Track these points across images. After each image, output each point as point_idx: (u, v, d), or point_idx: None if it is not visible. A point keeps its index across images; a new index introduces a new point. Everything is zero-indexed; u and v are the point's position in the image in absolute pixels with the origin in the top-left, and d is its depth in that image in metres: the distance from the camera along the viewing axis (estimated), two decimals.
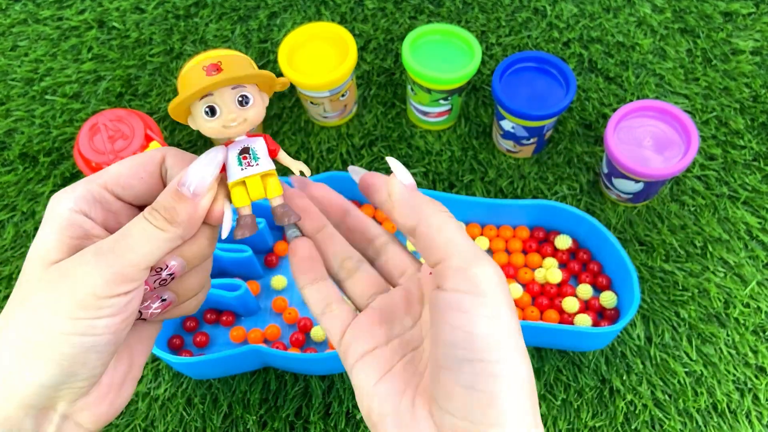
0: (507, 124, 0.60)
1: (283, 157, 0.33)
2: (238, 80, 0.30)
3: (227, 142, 0.31)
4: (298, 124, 0.66)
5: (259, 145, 0.31)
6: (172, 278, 0.31)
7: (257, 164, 0.31)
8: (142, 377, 0.55)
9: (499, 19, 0.72)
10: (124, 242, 0.29)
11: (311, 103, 0.62)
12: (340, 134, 0.66)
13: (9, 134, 0.66)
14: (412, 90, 0.61)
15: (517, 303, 0.56)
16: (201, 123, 0.30)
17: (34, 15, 0.73)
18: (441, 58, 0.59)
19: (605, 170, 0.59)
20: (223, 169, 0.31)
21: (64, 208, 0.30)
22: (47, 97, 0.68)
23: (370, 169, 0.63)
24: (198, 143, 0.65)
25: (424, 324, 0.33)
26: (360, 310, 0.35)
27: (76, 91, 0.68)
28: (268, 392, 0.54)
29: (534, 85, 0.59)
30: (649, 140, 0.57)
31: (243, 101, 0.30)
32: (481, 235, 0.60)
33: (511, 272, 0.58)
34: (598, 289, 0.57)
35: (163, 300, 0.32)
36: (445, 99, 0.61)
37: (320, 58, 0.60)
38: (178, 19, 0.73)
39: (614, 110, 0.65)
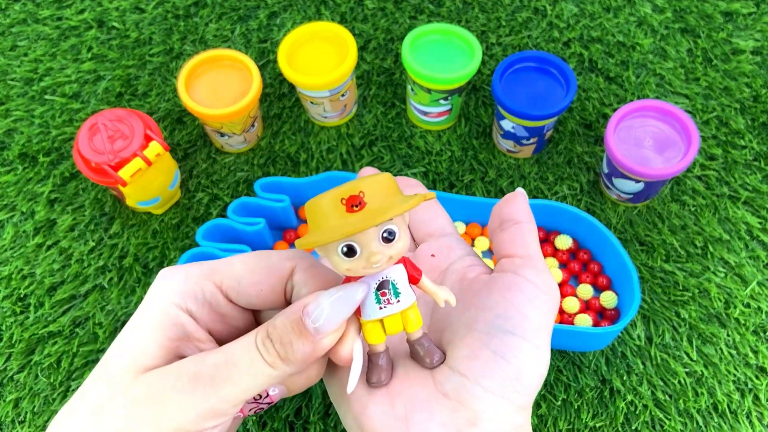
0: (507, 124, 0.60)
1: (427, 285, 0.28)
2: (387, 219, 0.24)
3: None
4: (298, 124, 0.66)
5: (400, 275, 0.27)
6: (270, 405, 0.29)
7: (398, 300, 0.27)
8: None
9: (499, 19, 0.71)
10: (226, 372, 0.25)
11: (311, 103, 0.62)
12: (340, 134, 0.65)
13: (8, 134, 0.66)
14: (412, 90, 0.61)
15: None
16: (336, 261, 0.26)
17: (33, 15, 0.73)
18: (441, 58, 0.59)
19: (605, 170, 0.59)
20: None
21: (168, 303, 0.27)
22: (47, 96, 0.68)
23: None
24: (197, 143, 0.65)
25: None
26: None
27: (76, 91, 0.68)
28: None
29: (534, 85, 0.59)
30: (649, 140, 0.57)
31: (389, 237, 0.25)
32: (482, 235, 0.59)
33: None
34: (598, 289, 0.57)
35: (259, 399, 0.29)
36: (445, 99, 0.61)
37: (320, 58, 0.60)
38: (177, 18, 0.72)
39: (614, 110, 0.65)
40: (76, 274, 0.59)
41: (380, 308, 0.26)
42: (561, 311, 0.56)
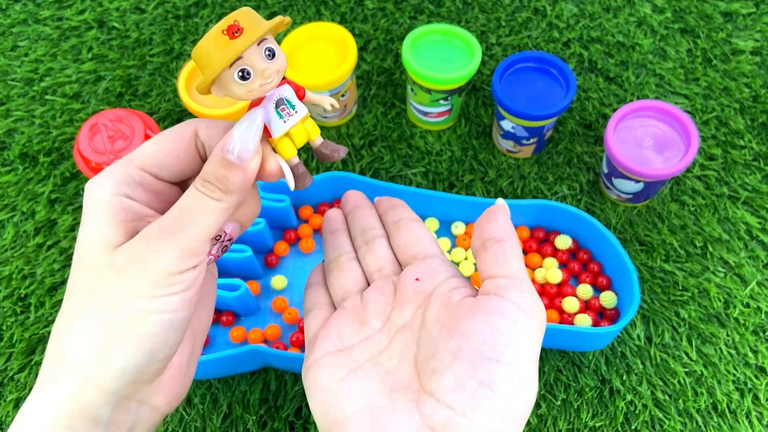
0: (507, 124, 0.60)
1: (311, 96, 0.33)
2: (263, 34, 0.28)
3: (256, 101, 0.30)
4: None
5: (289, 92, 0.31)
6: (231, 242, 0.32)
7: (296, 112, 0.31)
8: None
9: (499, 19, 0.72)
10: (184, 218, 0.28)
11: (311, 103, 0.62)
12: (340, 134, 0.66)
13: (9, 134, 0.66)
14: (412, 90, 0.61)
15: None
16: (234, 89, 0.29)
17: (34, 15, 0.73)
18: (441, 58, 0.59)
19: (605, 170, 0.59)
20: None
21: (106, 194, 0.29)
22: (47, 97, 0.68)
23: (369, 169, 0.63)
24: None
25: (393, 325, 0.34)
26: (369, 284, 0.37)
27: (76, 91, 0.68)
28: (268, 392, 0.54)
29: (534, 85, 0.59)
30: (649, 140, 0.57)
31: (270, 54, 0.29)
32: None
33: None
34: (598, 289, 0.57)
35: (219, 239, 0.32)
36: (445, 99, 0.61)
37: (320, 58, 0.60)
38: (178, 19, 0.73)
39: (614, 110, 0.65)
40: None
41: (284, 122, 0.30)
42: (561, 311, 0.56)
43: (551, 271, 0.57)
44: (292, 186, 0.31)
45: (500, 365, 0.29)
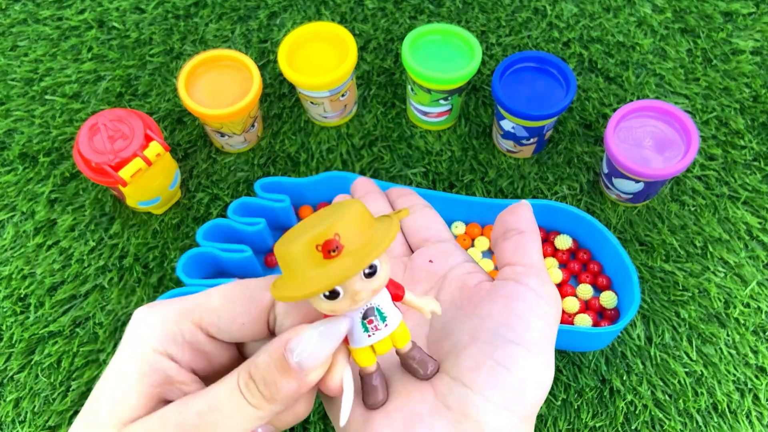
0: (507, 124, 0.60)
1: (411, 300, 0.28)
2: (370, 262, 0.23)
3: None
4: (298, 124, 0.66)
5: (384, 299, 0.26)
6: None
7: (386, 325, 0.26)
8: None
9: (499, 19, 0.72)
10: (211, 418, 0.24)
11: (311, 103, 0.62)
12: (340, 134, 0.65)
13: (9, 134, 0.66)
14: (412, 90, 0.61)
15: None
16: (317, 304, 0.25)
17: (33, 15, 0.73)
18: (441, 58, 0.59)
19: (605, 170, 0.59)
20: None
21: (147, 349, 0.26)
22: (47, 97, 0.68)
23: (369, 169, 0.63)
24: (198, 143, 0.65)
25: None
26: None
27: (76, 91, 0.68)
28: None
29: (534, 85, 0.59)
30: (649, 140, 0.57)
31: (371, 272, 0.24)
32: (482, 235, 0.59)
33: None
34: (598, 289, 0.57)
35: None
36: (445, 99, 0.61)
37: (320, 58, 0.60)
38: (178, 19, 0.72)
39: (614, 110, 0.65)
40: (76, 274, 0.59)
41: (368, 336, 0.26)
42: (561, 311, 0.56)
43: (551, 271, 0.57)
44: (342, 419, 0.26)
45: (519, 348, 0.28)
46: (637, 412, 0.53)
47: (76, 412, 0.54)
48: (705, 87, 0.67)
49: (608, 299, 0.55)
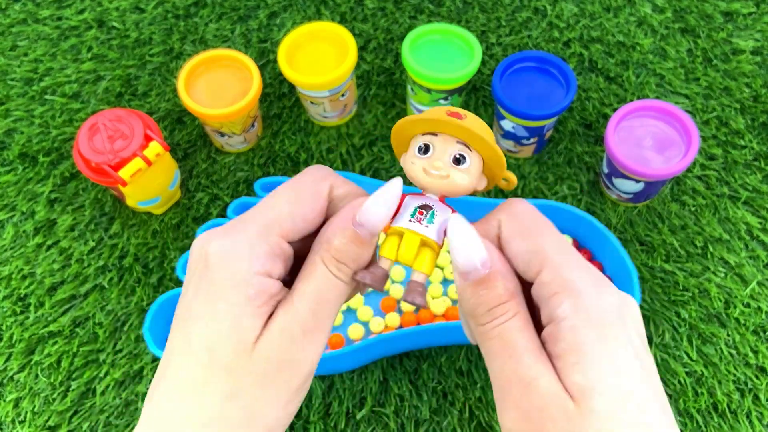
0: (507, 124, 0.60)
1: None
2: (469, 136, 0.26)
3: (417, 193, 0.28)
4: (298, 124, 0.66)
5: (443, 213, 0.28)
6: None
7: (427, 227, 0.27)
8: (142, 377, 0.55)
9: (499, 19, 0.71)
10: (324, 311, 0.27)
11: (311, 102, 0.62)
12: (340, 134, 0.65)
13: (8, 134, 0.66)
14: (412, 90, 0.61)
15: None
16: (409, 157, 0.28)
17: (33, 15, 0.73)
18: (441, 57, 0.59)
19: (605, 170, 0.59)
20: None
21: (248, 273, 0.26)
22: (47, 96, 0.68)
23: (369, 169, 0.63)
24: (197, 143, 0.65)
25: None
26: None
27: (76, 91, 0.68)
28: None
29: (534, 85, 0.59)
30: (649, 140, 0.57)
31: (460, 159, 0.27)
32: None
33: None
34: None
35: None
36: (445, 99, 0.61)
37: (320, 58, 0.60)
38: (177, 18, 0.72)
39: (615, 110, 0.65)
40: (76, 274, 0.59)
41: (410, 221, 0.27)
42: None
43: None
44: (359, 276, 0.28)
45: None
46: None
47: (76, 412, 0.54)
48: (705, 87, 0.67)
49: None
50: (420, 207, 0.28)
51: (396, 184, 0.27)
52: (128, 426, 0.53)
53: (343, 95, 0.62)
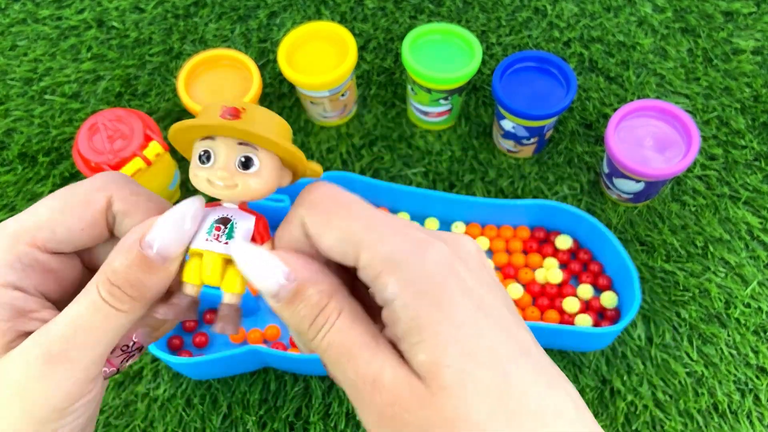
0: (507, 124, 0.60)
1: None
2: (248, 137, 0.24)
3: (215, 203, 0.26)
4: (297, 124, 0.66)
5: (245, 223, 0.25)
6: (141, 351, 0.26)
7: (226, 243, 0.24)
8: (141, 377, 0.55)
9: (499, 19, 0.71)
10: (79, 339, 0.23)
11: (311, 102, 0.62)
12: (340, 134, 0.65)
13: (8, 134, 0.66)
14: (412, 90, 0.61)
15: (518, 303, 0.56)
16: (192, 167, 0.25)
17: (33, 14, 0.73)
18: (441, 57, 0.59)
19: (606, 170, 0.59)
20: None
21: None
22: (46, 96, 0.68)
23: (369, 169, 0.63)
24: None
25: None
26: None
27: (75, 91, 0.68)
28: (268, 393, 0.54)
29: (534, 85, 0.59)
30: (649, 140, 0.57)
31: (247, 164, 0.24)
32: (482, 235, 0.59)
33: (511, 272, 0.58)
34: (598, 289, 0.57)
35: (126, 349, 0.26)
36: (446, 99, 0.61)
37: (320, 58, 0.60)
38: (177, 18, 0.72)
39: (615, 110, 0.65)
40: None
41: (207, 239, 0.24)
42: (561, 311, 0.56)
43: (552, 272, 0.57)
44: (159, 314, 0.25)
45: None
46: (637, 412, 0.53)
47: None
48: (706, 87, 0.67)
49: (609, 299, 0.55)
50: (217, 221, 0.25)
51: (192, 203, 0.24)
52: (128, 426, 0.53)
53: (343, 95, 0.62)
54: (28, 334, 0.24)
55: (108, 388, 0.54)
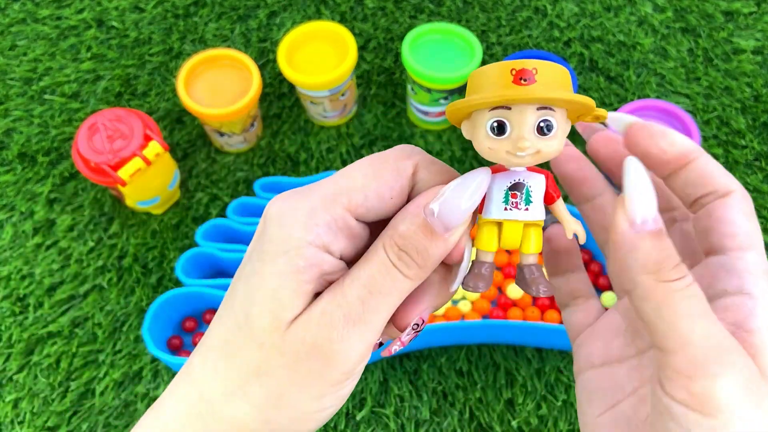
0: None
1: (561, 209, 0.25)
2: (552, 101, 0.23)
3: (498, 167, 0.24)
4: (297, 124, 0.66)
5: (538, 184, 0.24)
6: (423, 325, 0.26)
7: (526, 209, 0.24)
8: (141, 378, 0.55)
9: (499, 19, 0.71)
10: (374, 301, 0.23)
11: (311, 102, 0.62)
12: (340, 134, 0.65)
13: (7, 134, 0.66)
14: (413, 89, 0.61)
15: (518, 303, 0.56)
16: (480, 138, 0.24)
17: (32, 14, 0.73)
18: (441, 57, 0.59)
19: None
20: None
21: (302, 242, 0.23)
22: (46, 96, 0.68)
23: None
24: (197, 143, 0.65)
25: None
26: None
27: (75, 91, 0.68)
28: None
29: None
30: None
31: (545, 128, 0.23)
32: None
33: (512, 272, 0.58)
34: (598, 289, 0.57)
35: (417, 327, 0.26)
36: (446, 98, 0.60)
37: (320, 58, 0.60)
38: (177, 18, 0.72)
39: (615, 110, 0.65)
40: (75, 274, 0.59)
41: (505, 209, 0.24)
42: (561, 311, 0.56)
43: None
44: (453, 285, 0.25)
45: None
46: None
47: (75, 413, 0.54)
48: (706, 86, 0.67)
49: (609, 299, 0.55)
50: (511, 188, 0.24)
51: (478, 174, 0.23)
52: (127, 426, 0.53)
53: (343, 95, 0.62)
54: (319, 293, 0.24)
55: (108, 389, 0.54)
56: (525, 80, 0.22)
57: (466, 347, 0.56)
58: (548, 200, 0.25)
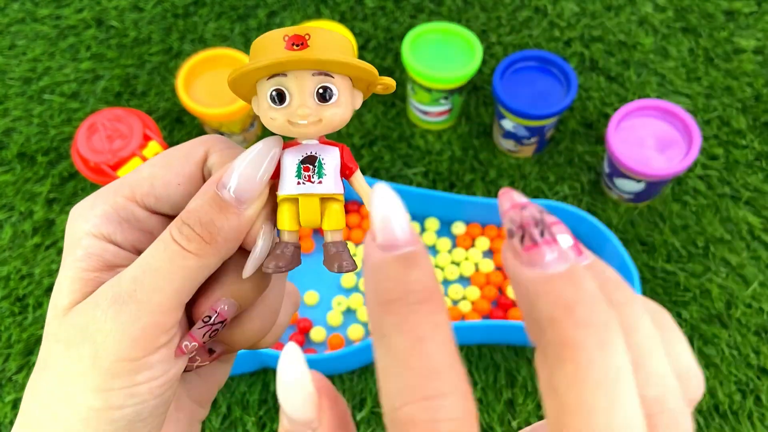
0: (508, 124, 0.59)
1: (359, 182, 0.25)
2: (325, 65, 0.22)
3: (290, 143, 0.24)
4: None
5: (331, 157, 0.24)
6: (224, 325, 0.24)
7: (320, 182, 0.23)
8: None
9: (499, 18, 0.71)
10: (147, 280, 0.22)
11: None
12: (340, 134, 0.65)
13: (7, 134, 0.66)
14: (413, 89, 0.61)
15: (518, 303, 0.56)
16: (263, 110, 0.23)
17: (32, 14, 0.73)
18: (441, 57, 0.59)
19: (607, 170, 0.59)
20: (275, 174, 0.23)
21: (81, 233, 0.23)
22: (45, 96, 0.68)
23: (369, 169, 0.63)
24: None
25: None
26: None
27: (74, 91, 0.68)
28: (267, 393, 0.54)
29: (535, 85, 0.59)
30: (650, 140, 0.56)
31: (325, 95, 0.22)
32: (482, 235, 0.59)
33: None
34: None
35: (212, 351, 0.25)
36: (446, 98, 0.60)
37: None
38: (176, 17, 0.72)
39: (616, 110, 0.65)
40: None
41: (298, 183, 0.23)
42: None
43: None
44: (247, 268, 0.23)
45: None
46: None
47: None
48: (707, 86, 0.67)
49: None
50: (303, 162, 0.23)
51: (268, 143, 0.23)
52: None
53: None
54: None
55: None
56: (297, 45, 0.22)
57: (466, 347, 0.55)
58: (345, 174, 0.24)
